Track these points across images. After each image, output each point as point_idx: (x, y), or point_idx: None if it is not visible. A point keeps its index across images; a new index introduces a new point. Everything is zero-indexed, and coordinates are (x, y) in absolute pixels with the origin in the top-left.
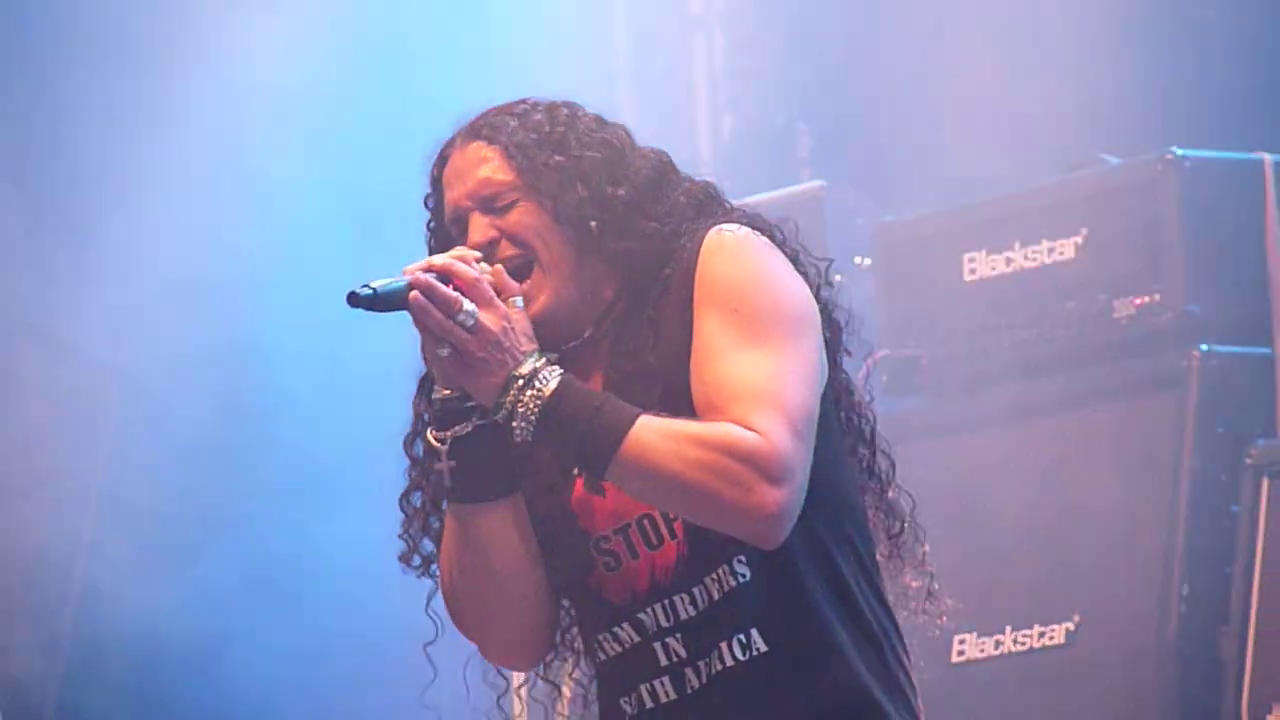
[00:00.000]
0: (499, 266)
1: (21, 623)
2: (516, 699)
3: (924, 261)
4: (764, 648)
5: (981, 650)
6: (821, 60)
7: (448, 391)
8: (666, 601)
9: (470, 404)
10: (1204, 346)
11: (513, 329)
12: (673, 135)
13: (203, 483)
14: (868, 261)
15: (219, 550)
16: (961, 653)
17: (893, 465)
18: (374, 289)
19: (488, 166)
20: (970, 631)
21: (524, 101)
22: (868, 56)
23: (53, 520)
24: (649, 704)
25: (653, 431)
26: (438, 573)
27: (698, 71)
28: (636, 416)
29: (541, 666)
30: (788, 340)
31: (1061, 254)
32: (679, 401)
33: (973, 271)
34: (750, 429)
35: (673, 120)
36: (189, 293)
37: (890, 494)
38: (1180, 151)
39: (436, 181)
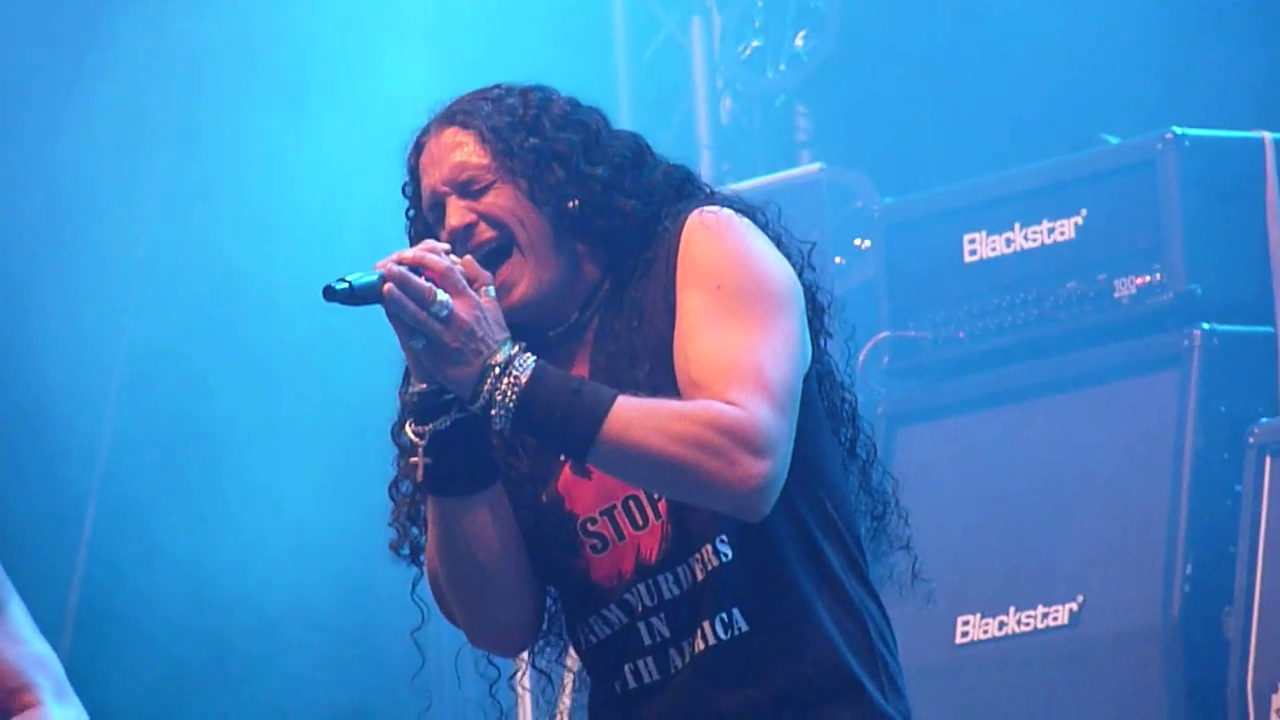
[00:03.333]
0: (469, 256)
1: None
2: (519, 689)
3: (924, 243)
4: (745, 627)
5: (985, 631)
6: (821, 41)
7: (424, 385)
8: (651, 581)
9: (448, 397)
10: (1205, 325)
11: (485, 318)
12: (670, 118)
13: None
14: (867, 243)
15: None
16: (965, 634)
17: (874, 447)
18: (350, 283)
19: (463, 151)
20: (974, 612)
21: (498, 86)
22: (867, 38)
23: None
24: (632, 684)
25: (633, 410)
26: (424, 561)
27: (696, 54)
28: (615, 397)
29: (532, 655)
30: (770, 317)
31: (1062, 234)
32: (665, 382)
33: (973, 252)
34: (731, 403)
35: (670, 103)
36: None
37: (873, 476)
38: (1180, 130)
39: (414, 170)
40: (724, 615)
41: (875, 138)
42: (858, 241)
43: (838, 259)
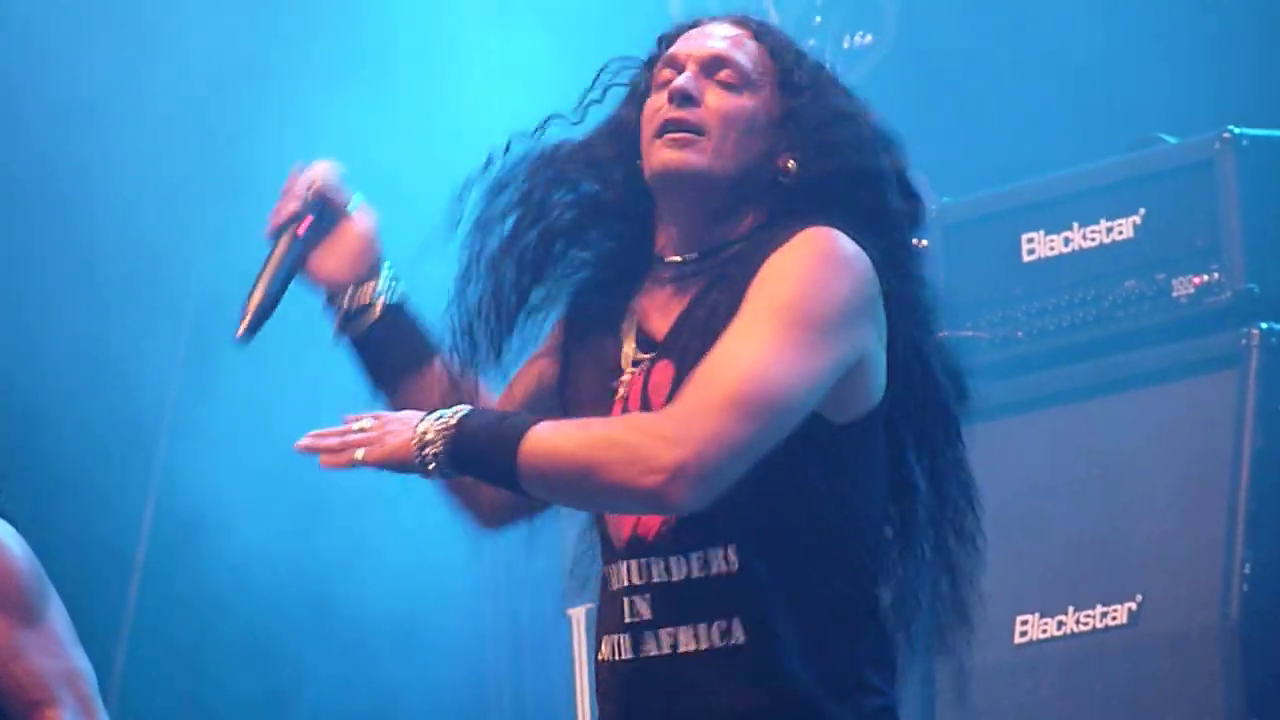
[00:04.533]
0: (376, 421)
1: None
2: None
3: (982, 242)
4: (742, 639)
5: (1044, 631)
6: (876, 41)
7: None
8: (643, 561)
9: (362, 306)
10: (1264, 325)
11: (393, 419)
12: None
13: None
14: (925, 243)
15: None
16: (1024, 634)
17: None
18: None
19: (743, 49)
20: (1032, 612)
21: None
22: (924, 38)
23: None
24: (609, 656)
25: (555, 423)
26: None
27: None
28: (538, 420)
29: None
30: (803, 339)
31: (1120, 233)
32: None
33: (1031, 252)
34: (674, 404)
35: None
36: None
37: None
38: (1237, 130)
39: (671, 39)
40: (722, 623)
41: (932, 137)
42: (915, 241)
43: None
